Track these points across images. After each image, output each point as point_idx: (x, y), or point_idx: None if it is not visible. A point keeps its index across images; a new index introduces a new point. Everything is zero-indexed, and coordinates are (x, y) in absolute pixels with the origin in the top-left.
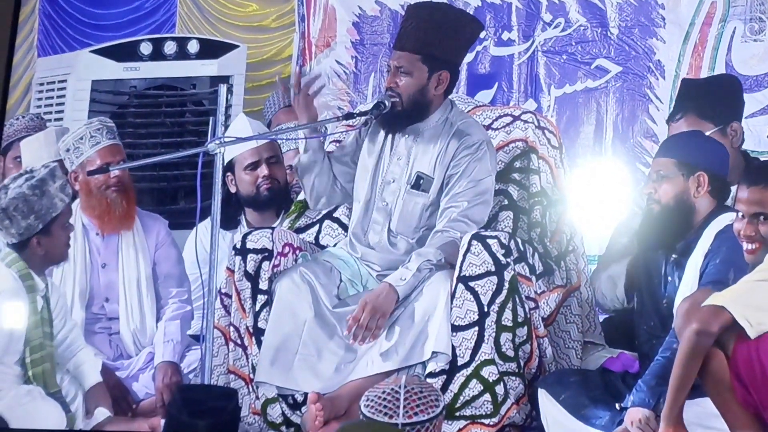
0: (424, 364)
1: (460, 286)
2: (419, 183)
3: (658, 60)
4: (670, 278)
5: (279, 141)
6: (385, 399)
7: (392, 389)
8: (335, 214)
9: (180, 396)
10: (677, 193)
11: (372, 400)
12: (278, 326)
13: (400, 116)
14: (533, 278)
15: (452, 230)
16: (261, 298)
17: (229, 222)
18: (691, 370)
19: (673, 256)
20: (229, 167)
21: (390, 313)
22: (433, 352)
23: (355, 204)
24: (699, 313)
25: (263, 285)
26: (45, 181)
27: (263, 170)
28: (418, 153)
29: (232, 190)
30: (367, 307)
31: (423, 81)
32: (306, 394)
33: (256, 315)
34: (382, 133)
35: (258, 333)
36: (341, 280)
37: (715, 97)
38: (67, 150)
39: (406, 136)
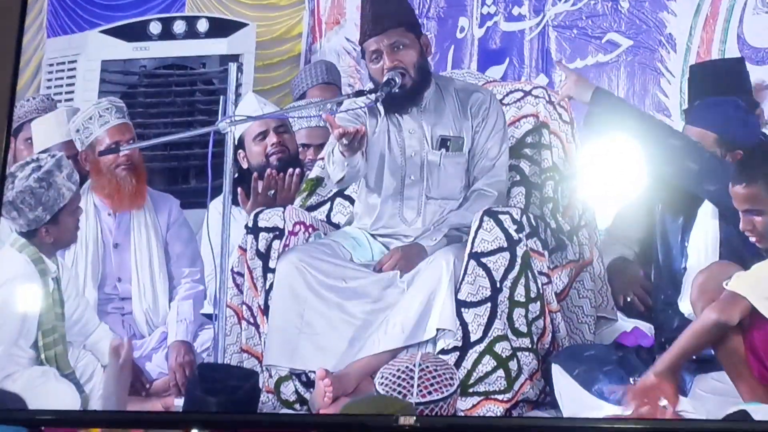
0: (434, 341)
1: (472, 263)
2: (447, 145)
3: (670, 33)
4: (687, 244)
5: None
6: (399, 377)
7: (407, 367)
8: (346, 192)
9: (199, 373)
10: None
11: (386, 378)
12: (279, 309)
13: (412, 90)
14: (546, 253)
15: (490, 189)
16: (271, 277)
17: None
18: (700, 347)
19: (693, 222)
20: (240, 144)
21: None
22: (438, 329)
23: (370, 194)
24: (720, 303)
25: (273, 264)
26: (51, 173)
27: (272, 138)
28: (429, 120)
29: (244, 166)
30: (396, 254)
31: (419, 48)
32: None
33: (267, 293)
34: (379, 118)
35: (269, 312)
36: (352, 259)
37: (733, 85)
38: (77, 131)
39: (409, 110)
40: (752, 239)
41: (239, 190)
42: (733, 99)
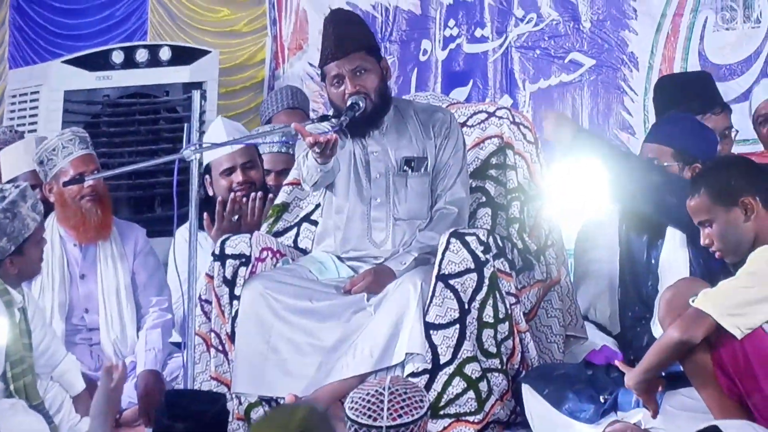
0: (402, 365)
1: (440, 285)
2: (411, 165)
3: (632, 52)
4: (654, 261)
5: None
6: (369, 401)
7: (376, 391)
8: (312, 217)
9: (166, 400)
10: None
11: (356, 402)
12: (245, 336)
13: (373, 114)
14: (513, 274)
15: (450, 206)
16: (236, 304)
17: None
18: (665, 364)
19: (660, 240)
20: (207, 170)
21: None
22: (407, 354)
23: (336, 216)
24: (684, 320)
25: (238, 291)
26: (16, 203)
27: (238, 176)
28: (392, 143)
29: (210, 192)
30: (368, 275)
31: (380, 72)
32: None
33: (234, 321)
34: (345, 141)
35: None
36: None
37: (700, 96)
38: (41, 162)
39: (371, 133)
40: (716, 254)
41: (205, 215)
42: (690, 115)
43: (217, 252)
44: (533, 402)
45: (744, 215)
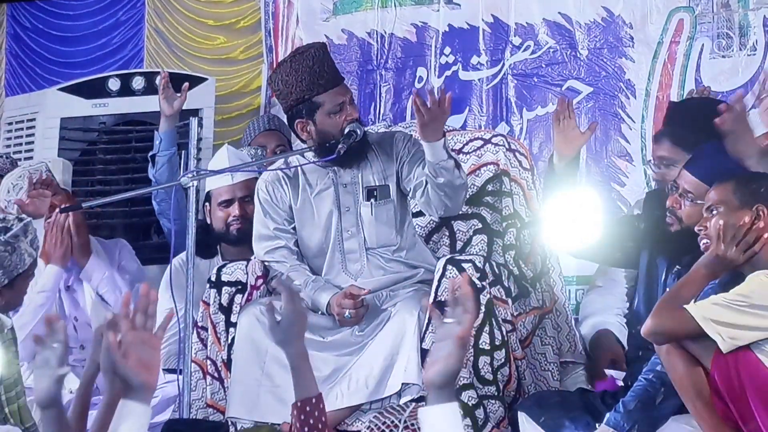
0: (398, 393)
1: (436, 312)
2: (374, 194)
3: (629, 79)
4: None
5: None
6: None
7: None
8: None
9: (167, 429)
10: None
11: None
12: (241, 361)
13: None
14: (509, 301)
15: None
16: (233, 331)
17: (206, 250)
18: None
19: (677, 267)
20: (207, 198)
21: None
22: (403, 384)
23: (307, 252)
24: (658, 309)
25: (235, 318)
26: (17, 237)
27: (235, 209)
28: (357, 173)
29: (209, 220)
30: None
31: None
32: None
33: (230, 348)
34: (317, 175)
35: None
36: None
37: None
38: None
39: (348, 166)
40: (702, 243)
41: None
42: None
43: (213, 279)
44: (530, 430)
45: (750, 221)
